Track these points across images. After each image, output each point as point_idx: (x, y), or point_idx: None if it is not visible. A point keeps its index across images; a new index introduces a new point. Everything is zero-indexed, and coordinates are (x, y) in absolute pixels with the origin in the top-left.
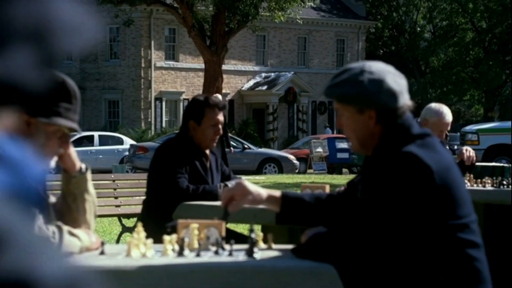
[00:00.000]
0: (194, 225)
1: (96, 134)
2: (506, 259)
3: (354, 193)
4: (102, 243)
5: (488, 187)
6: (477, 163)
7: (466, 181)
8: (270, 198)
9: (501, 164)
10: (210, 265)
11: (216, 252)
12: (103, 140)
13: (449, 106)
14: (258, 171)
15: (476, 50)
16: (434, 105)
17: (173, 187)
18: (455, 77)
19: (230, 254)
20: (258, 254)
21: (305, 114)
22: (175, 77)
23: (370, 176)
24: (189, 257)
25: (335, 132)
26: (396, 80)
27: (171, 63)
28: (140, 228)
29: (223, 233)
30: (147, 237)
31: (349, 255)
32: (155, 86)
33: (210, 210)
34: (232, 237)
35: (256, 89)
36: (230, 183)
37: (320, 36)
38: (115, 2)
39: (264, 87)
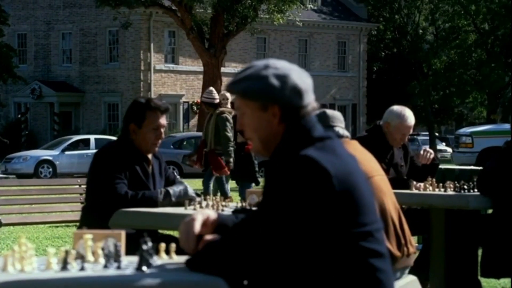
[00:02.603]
0: (88, 236)
1: (92, 137)
2: (466, 265)
3: None
4: None
5: (450, 192)
6: (456, 167)
7: (427, 185)
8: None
9: (479, 168)
10: (82, 280)
11: (105, 266)
12: (99, 143)
13: (452, 108)
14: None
15: (479, 52)
16: (396, 108)
17: (111, 193)
18: (457, 79)
19: (119, 267)
20: (150, 268)
21: None
22: (175, 79)
23: (265, 181)
24: (72, 271)
25: None
26: (301, 77)
27: (171, 66)
28: (22, 240)
29: (123, 244)
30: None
31: (240, 268)
32: (154, 89)
33: (147, 216)
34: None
35: None
36: (172, 189)
37: (321, 39)
38: (113, 5)
39: None
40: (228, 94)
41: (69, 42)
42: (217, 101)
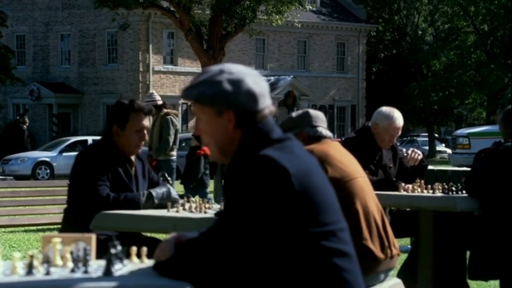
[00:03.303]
0: (56, 240)
1: (89, 138)
2: (455, 268)
3: None
4: None
5: (438, 193)
6: (449, 168)
7: (416, 187)
8: None
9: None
10: (45, 284)
11: (72, 270)
12: None
13: (451, 109)
14: None
15: (478, 53)
16: (384, 109)
17: (92, 195)
18: (456, 80)
19: (86, 271)
20: (119, 271)
21: None
22: (174, 81)
23: (225, 183)
24: (38, 276)
25: (335, 136)
26: (257, 82)
27: (170, 67)
28: None
29: (93, 248)
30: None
31: (208, 272)
32: (153, 90)
33: (128, 219)
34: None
35: None
36: (154, 191)
37: (320, 40)
38: (111, 6)
39: None
40: None
41: (67, 44)
42: (160, 102)
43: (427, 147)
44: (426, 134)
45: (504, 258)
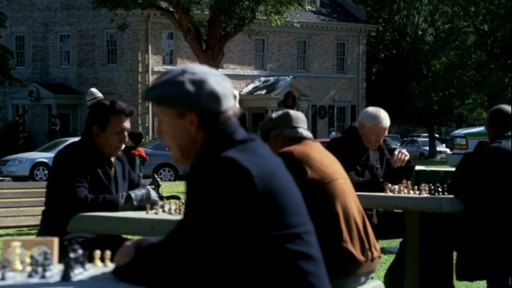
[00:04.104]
0: (16, 243)
1: None
2: (441, 269)
3: None
4: None
5: (424, 194)
6: (441, 169)
7: (402, 188)
8: None
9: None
10: None
11: (30, 274)
12: None
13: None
14: None
15: (478, 53)
16: (371, 109)
17: (70, 196)
18: (457, 81)
19: (43, 276)
20: (78, 276)
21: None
22: None
23: (187, 185)
24: None
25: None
26: (220, 82)
27: (169, 68)
28: None
29: (55, 252)
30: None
31: (166, 277)
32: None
33: (106, 221)
34: None
35: (255, 93)
36: (134, 192)
37: (320, 40)
38: (110, 7)
39: (263, 92)
40: (235, 93)
41: (67, 44)
42: (100, 99)
43: (427, 148)
44: (427, 134)
45: (489, 258)
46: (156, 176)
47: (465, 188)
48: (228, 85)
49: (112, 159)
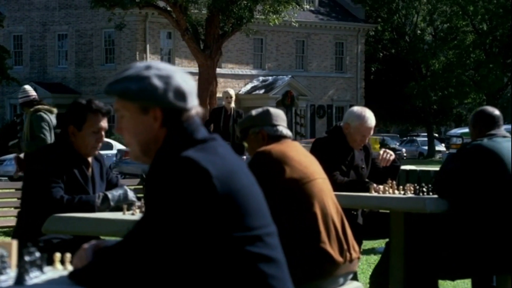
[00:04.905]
0: None
1: None
2: (426, 270)
3: None
4: None
5: (409, 194)
6: (432, 169)
7: (387, 188)
8: None
9: None
10: None
11: None
12: None
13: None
14: None
15: (477, 52)
16: (356, 108)
17: (46, 197)
18: (455, 80)
19: None
20: (34, 280)
21: (303, 118)
22: None
23: (145, 185)
24: None
25: None
26: (185, 80)
27: None
28: None
29: (13, 255)
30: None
31: (123, 280)
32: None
33: (81, 222)
34: None
35: (254, 93)
36: (110, 193)
37: (319, 39)
38: (107, 6)
39: (262, 91)
40: (231, 92)
41: (65, 44)
42: (34, 97)
43: (426, 147)
44: (426, 134)
45: (472, 258)
46: (144, 175)
47: (448, 187)
48: (192, 84)
49: (89, 159)
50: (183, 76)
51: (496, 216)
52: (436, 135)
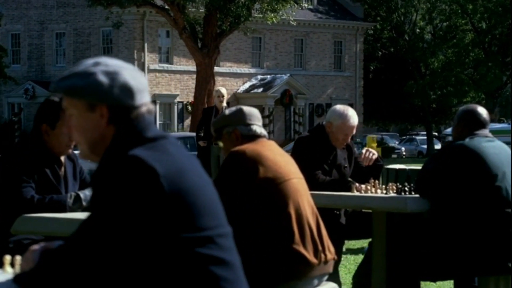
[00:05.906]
0: None
1: None
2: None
3: None
4: None
5: (391, 194)
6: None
7: (369, 187)
8: None
9: None
10: None
11: None
12: None
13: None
14: None
15: (476, 51)
16: (339, 107)
17: (16, 197)
18: (454, 79)
19: None
20: None
21: (302, 117)
22: (169, 79)
23: (92, 184)
24: None
25: None
26: (135, 76)
27: (165, 66)
28: None
29: None
30: None
31: (69, 283)
32: (149, 89)
33: (52, 222)
34: None
35: (252, 91)
36: (83, 192)
37: (317, 38)
38: (105, 5)
39: (260, 90)
40: (223, 91)
41: (62, 42)
42: None
43: (425, 146)
44: (425, 132)
45: (453, 260)
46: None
47: (430, 186)
48: (143, 81)
49: (62, 158)
50: (132, 73)
51: (477, 217)
52: (436, 134)
